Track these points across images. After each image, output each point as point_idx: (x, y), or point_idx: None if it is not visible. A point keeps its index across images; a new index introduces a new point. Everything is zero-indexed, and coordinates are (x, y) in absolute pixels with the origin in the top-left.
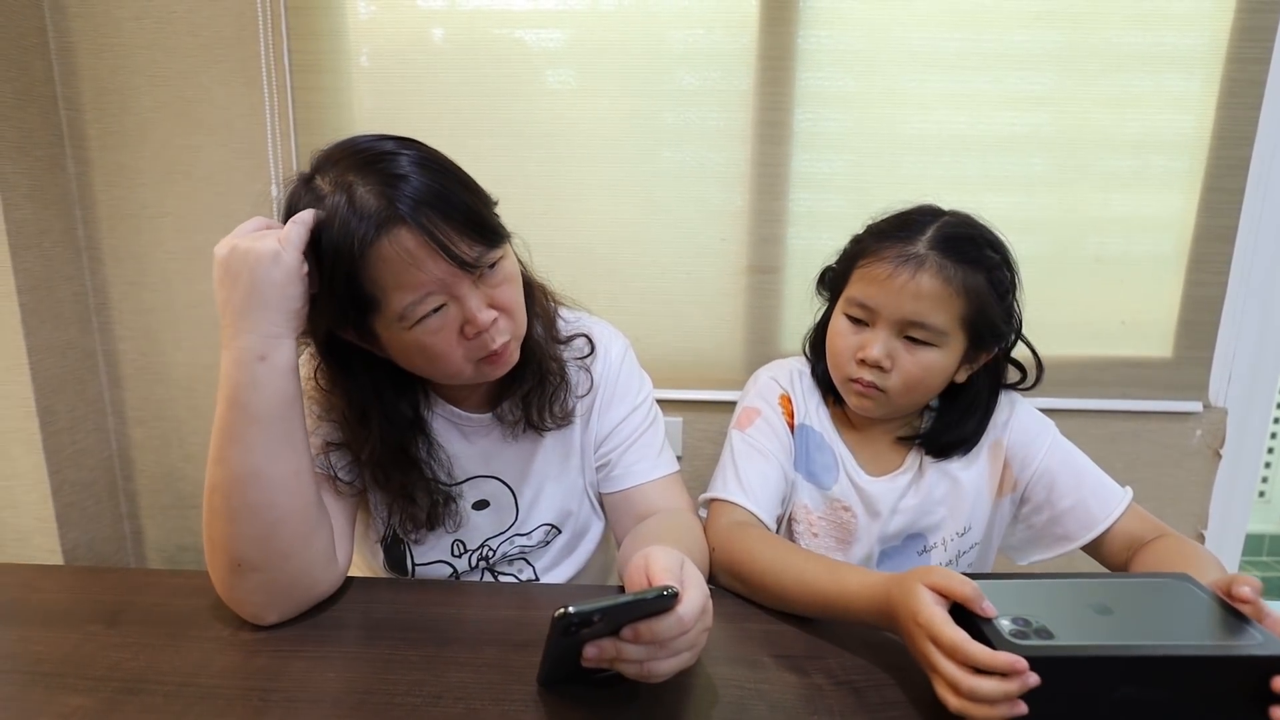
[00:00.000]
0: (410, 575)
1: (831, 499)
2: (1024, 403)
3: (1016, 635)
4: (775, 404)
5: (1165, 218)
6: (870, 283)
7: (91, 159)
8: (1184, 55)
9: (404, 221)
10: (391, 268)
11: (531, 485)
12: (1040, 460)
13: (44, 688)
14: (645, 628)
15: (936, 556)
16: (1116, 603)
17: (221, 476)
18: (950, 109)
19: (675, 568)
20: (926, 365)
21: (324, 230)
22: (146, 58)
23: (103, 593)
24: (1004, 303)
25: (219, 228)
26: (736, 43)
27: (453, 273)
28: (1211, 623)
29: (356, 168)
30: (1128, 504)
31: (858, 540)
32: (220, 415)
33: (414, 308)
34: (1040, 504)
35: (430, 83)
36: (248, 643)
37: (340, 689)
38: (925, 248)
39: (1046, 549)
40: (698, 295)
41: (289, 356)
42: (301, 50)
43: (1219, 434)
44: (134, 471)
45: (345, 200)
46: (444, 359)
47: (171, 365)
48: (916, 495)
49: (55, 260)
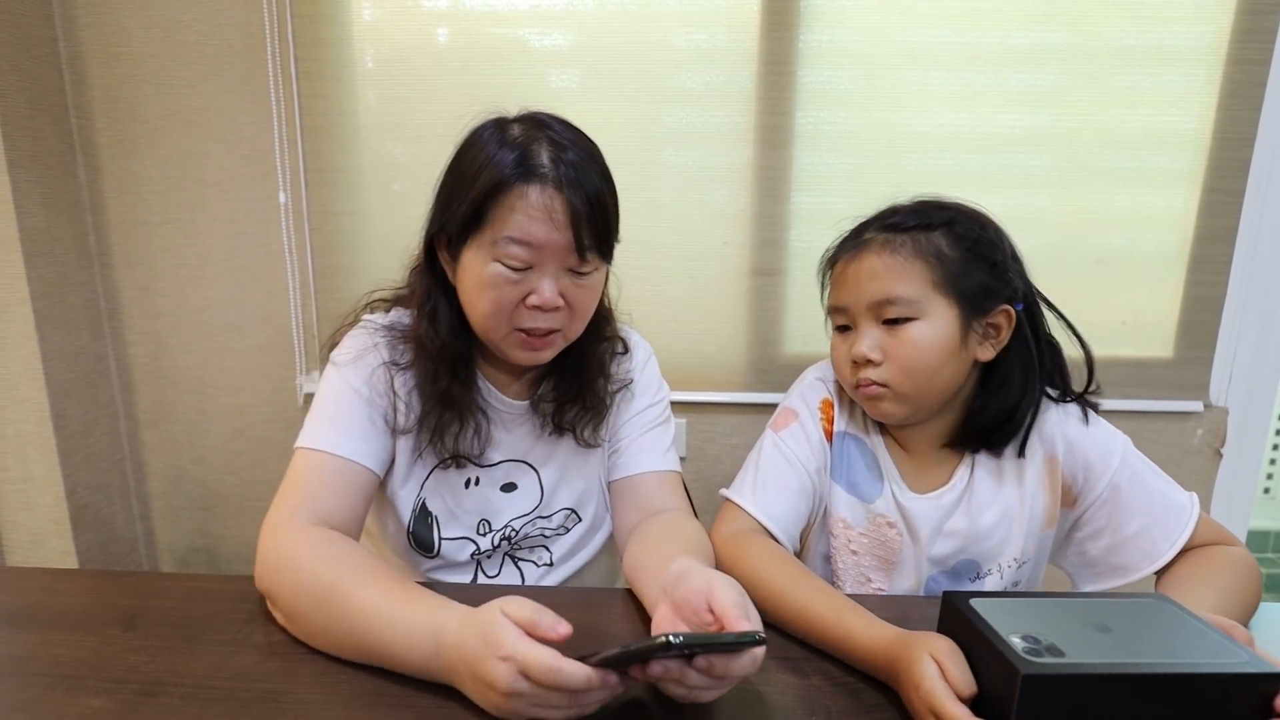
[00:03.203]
0: (436, 552)
1: (874, 513)
2: (1093, 416)
3: (1031, 653)
4: (815, 408)
5: (1166, 218)
6: (835, 287)
7: (102, 166)
8: (1185, 56)
9: (558, 186)
10: (522, 207)
11: (555, 469)
12: (1107, 481)
13: (65, 689)
14: (721, 662)
15: (990, 583)
16: (1111, 622)
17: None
18: (952, 109)
19: (743, 603)
20: (915, 341)
21: (497, 141)
22: (155, 66)
23: (120, 596)
24: (981, 255)
25: (227, 233)
26: (738, 44)
27: (557, 249)
28: (1201, 641)
29: (553, 133)
30: (1194, 525)
31: (902, 563)
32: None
33: (507, 245)
34: (1101, 529)
35: (434, 85)
36: (261, 646)
37: (353, 690)
38: (870, 231)
39: (1099, 579)
40: (700, 298)
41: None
42: (308, 58)
43: (1220, 433)
44: (145, 474)
45: (526, 139)
46: (494, 307)
47: (182, 369)
48: (965, 518)
49: (67, 267)
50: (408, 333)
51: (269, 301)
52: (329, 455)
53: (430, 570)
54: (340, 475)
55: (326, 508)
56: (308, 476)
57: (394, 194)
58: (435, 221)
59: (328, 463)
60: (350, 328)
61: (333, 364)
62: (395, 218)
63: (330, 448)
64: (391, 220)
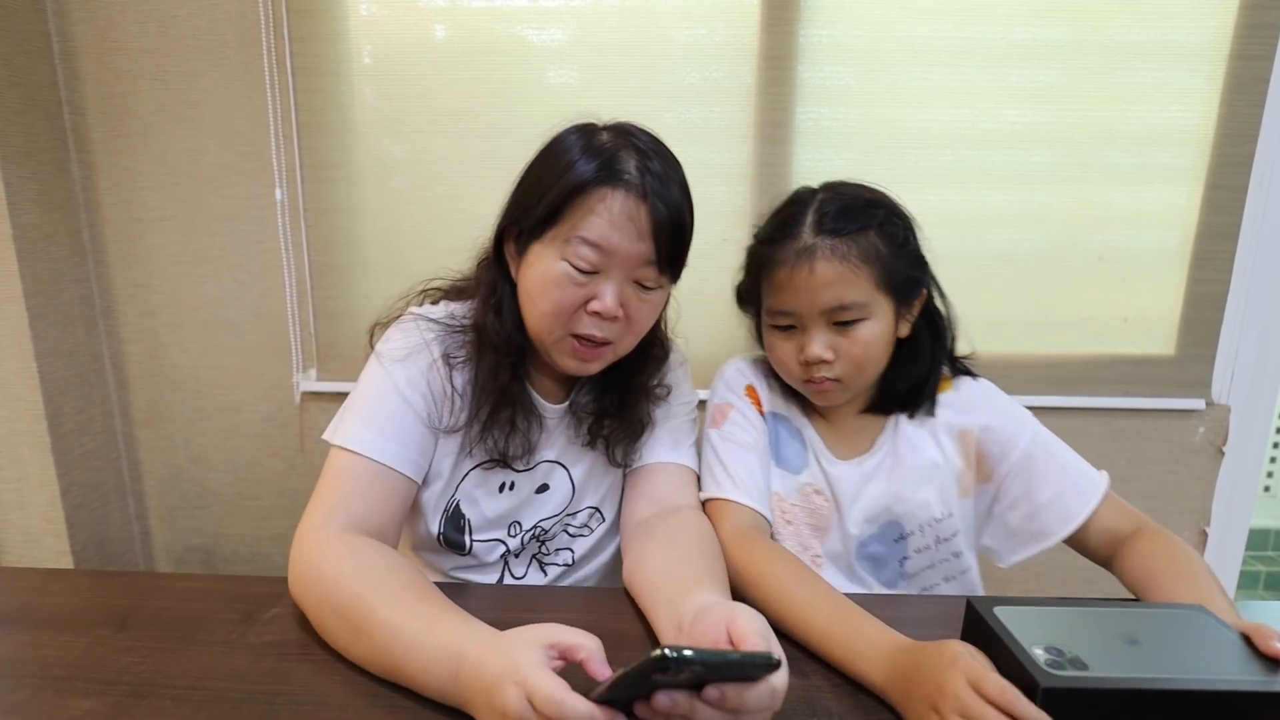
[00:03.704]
0: (467, 550)
1: (802, 484)
2: (1000, 393)
3: (1052, 665)
4: (743, 395)
5: (1168, 214)
6: (779, 290)
7: (96, 163)
8: (1188, 51)
9: (642, 196)
10: (603, 211)
11: (584, 467)
12: (1021, 451)
13: (54, 691)
14: (734, 692)
15: (914, 543)
16: (1141, 634)
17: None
18: (953, 105)
19: (765, 633)
20: (866, 340)
21: (583, 144)
22: (150, 61)
23: (112, 596)
24: (906, 248)
25: (223, 230)
26: (738, 40)
27: (629, 257)
28: (1233, 657)
29: (640, 142)
30: (1104, 491)
31: (831, 528)
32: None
33: (580, 246)
34: (1017, 498)
35: (432, 81)
36: (255, 646)
37: (347, 692)
38: (811, 236)
39: (1022, 548)
40: (699, 294)
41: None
42: (303, 53)
43: (1222, 431)
44: (141, 473)
45: (614, 146)
46: (555, 307)
47: (177, 368)
48: (887, 480)
49: (61, 264)
50: (465, 324)
51: (265, 299)
52: (368, 460)
53: (456, 570)
54: (378, 482)
55: (362, 513)
56: (344, 480)
57: (391, 190)
58: (509, 215)
59: (367, 468)
60: (398, 318)
61: (378, 358)
62: (393, 215)
63: (370, 452)
64: (389, 217)
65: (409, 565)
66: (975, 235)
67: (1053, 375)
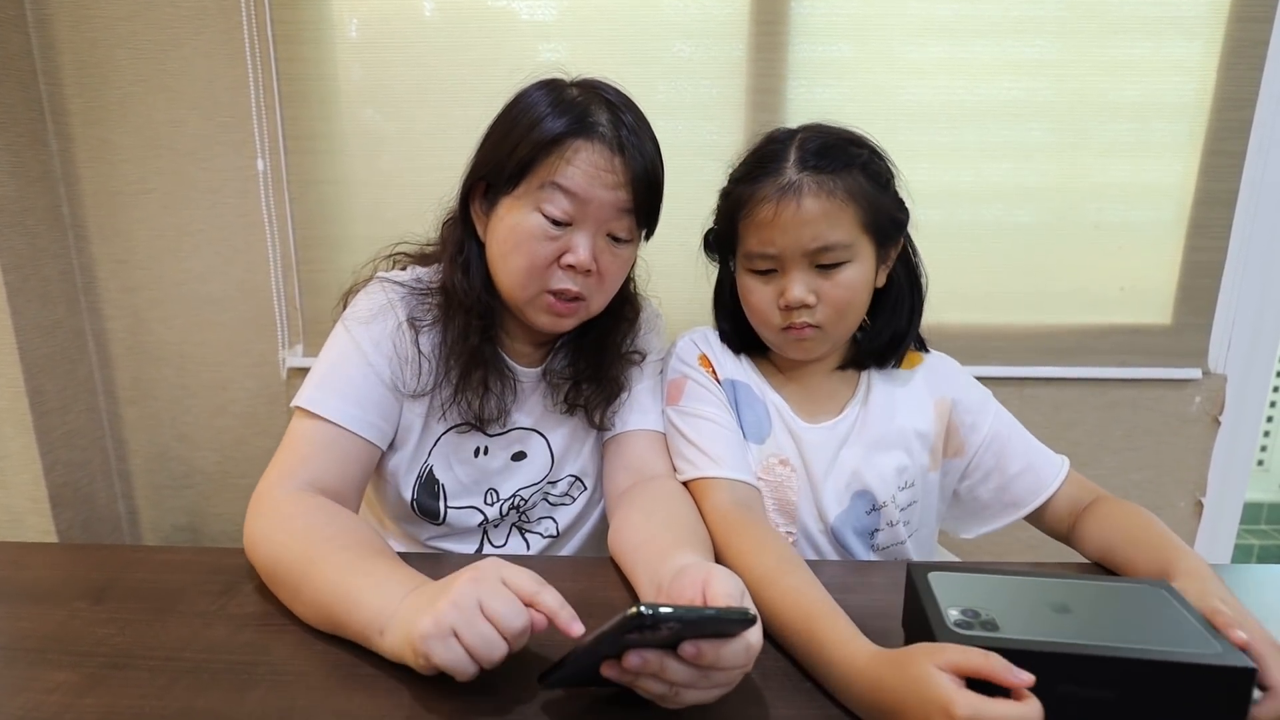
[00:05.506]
0: (441, 518)
1: (766, 454)
2: (962, 368)
3: (960, 625)
4: (696, 365)
5: (1165, 183)
6: (760, 229)
7: (74, 134)
8: (1185, 16)
9: (616, 147)
10: (577, 160)
11: (564, 435)
12: (990, 425)
13: (27, 664)
14: (710, 648)
15: (886, 515)
16: (1078, 603)
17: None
18: (947, 75)
19: (738, 595)
20: (849, 284)
21: (552, 99)
22: (127, 29)
23: (91, 569)
24: (889, 191)
25: (205, 203)
26: (729, 10)
27: (603, 207)
28: (1175, 630)
29: (610, 96)
30: (1068, 468)
31: (800, 503)
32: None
33: (553, 193)
34: (990, 471)
35: (419, 53)
36: (235, 618)
37: (327, 663)
38: (795, 172)
39: (994, 519)
40: (692, 269)
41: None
42: (284, 20)
43: (1218, 401)
44: (127, 451)
45: (585, 100)
46: (528, 262)
47: (161, 344)
48: (859, 443)
49: (40, 238)
50: (432, 287)
51: (250, 273)
52: (326, 423)
53: (434, 539)
54: (337, 444)
55: (319, 474)
56: (302, 443)
57: (377, 163)
58: (476, 171)
59: (325, 430)
60: (365, 284)
61: (343, 323)
62: (378, 187)
63: (329, 414)
64: (375, 190)
65: (360, 523)
66: (970, 206)
67: (1049, 345)
